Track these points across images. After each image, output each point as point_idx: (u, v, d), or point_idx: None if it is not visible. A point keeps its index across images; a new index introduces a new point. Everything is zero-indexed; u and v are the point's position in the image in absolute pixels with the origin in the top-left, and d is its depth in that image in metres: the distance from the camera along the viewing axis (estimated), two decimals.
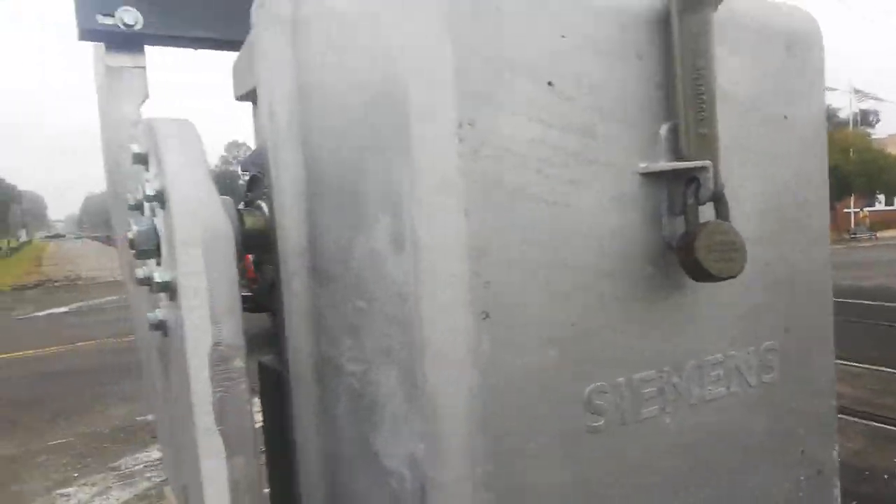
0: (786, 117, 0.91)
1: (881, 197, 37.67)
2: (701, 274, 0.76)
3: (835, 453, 1.02)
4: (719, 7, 0.78)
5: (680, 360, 0.83)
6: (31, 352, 8.89)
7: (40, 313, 13.30)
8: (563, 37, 0.72)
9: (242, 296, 0.89)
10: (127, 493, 4.23)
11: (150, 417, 5.53)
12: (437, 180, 0.66)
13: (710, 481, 0.88)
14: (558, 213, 0.72)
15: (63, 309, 13.74)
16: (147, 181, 0.85)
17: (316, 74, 0.83)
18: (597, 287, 0.76)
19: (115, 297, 15.02)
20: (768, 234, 0.90)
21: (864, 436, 4.30)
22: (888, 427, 4.42)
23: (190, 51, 1.39)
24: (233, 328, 0.83)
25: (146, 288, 1.03)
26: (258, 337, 1.04)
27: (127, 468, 4.64)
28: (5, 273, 26.70)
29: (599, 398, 0.77)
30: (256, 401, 0.94)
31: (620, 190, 0.77)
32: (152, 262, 0.97)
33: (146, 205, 0.96)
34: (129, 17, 1.24)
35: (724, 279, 0.77)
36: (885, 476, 3.71)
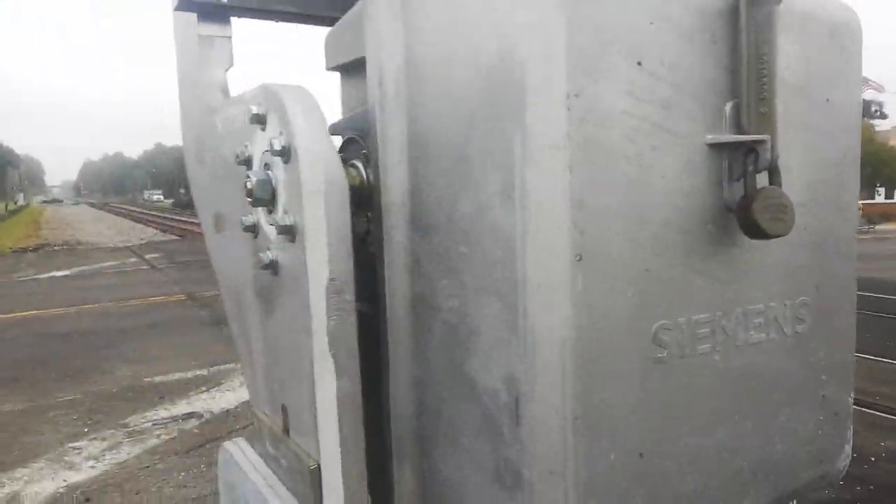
0: (828, 100, 1.04)
1: (881, 189, 38.09)
2: (756, 232, 0.89)
3: (850, 399, 1.17)
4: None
5: (730, 307, 0.97)
6: (34, 312, 8.99)
7: (42, 276, 13.37)
8: (651, 23, 0.85)
9: None
10: (137, 449, 4.33)
11: (156, 379, 5.67)
12: (548, 142, 0.78)
13: (747, 416, 1.02)
14: (642, 174, 0.86)
15: (65, 272, 13.80)
16: (273, 138, 0.97)
17: (426, 47, 0.94)
18: (668, 239, 0.89)
19: (115, 263, 15.11)
20: (810, 203, 1.04)
21: (855, 421, 4.50)
22: (878, 414, 4.62)
23: None
24: (346, 266, 0.96)
25: (248, 235, 1.16)
26: None
27: (136, 425, 4.75)
28: (5, 236, 26.57)
29: (664, 333, 0.90)
30: None
31: (690, 157, 0.90)
32: (259, 211, 1.10)
33: (257, 160, 1.08)
34: None
35: (776, 237, 0.90)
36: (872, 458, 3.91)
